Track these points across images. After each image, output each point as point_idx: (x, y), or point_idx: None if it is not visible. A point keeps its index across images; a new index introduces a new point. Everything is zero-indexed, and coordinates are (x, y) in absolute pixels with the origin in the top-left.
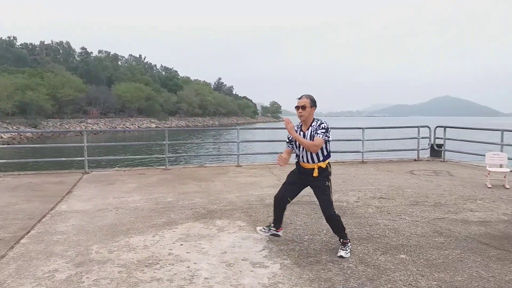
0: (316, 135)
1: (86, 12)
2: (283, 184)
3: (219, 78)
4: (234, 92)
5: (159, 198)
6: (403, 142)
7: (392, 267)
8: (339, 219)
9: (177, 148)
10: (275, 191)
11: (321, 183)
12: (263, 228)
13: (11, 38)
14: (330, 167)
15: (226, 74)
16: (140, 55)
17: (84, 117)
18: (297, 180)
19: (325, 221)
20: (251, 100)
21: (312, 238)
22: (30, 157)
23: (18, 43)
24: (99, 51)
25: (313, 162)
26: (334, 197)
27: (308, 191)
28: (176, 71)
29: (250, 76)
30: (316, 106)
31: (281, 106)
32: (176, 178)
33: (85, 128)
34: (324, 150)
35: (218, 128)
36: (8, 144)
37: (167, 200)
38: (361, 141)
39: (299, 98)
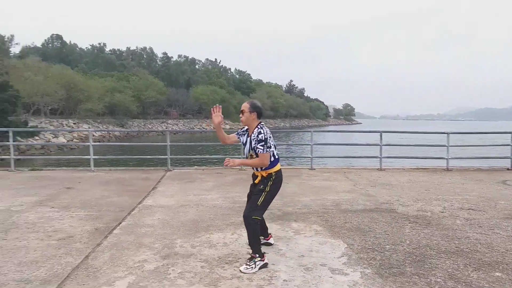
0: (257, 149)
1: (168, 20)
2: (247, 195)
3: (291, 81)
4: (305, 94)
5: (236, 197)
6: (492, 149)
7: (487, 285)
8: (255, 227)
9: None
10: (351, 196)
11: (257, 187)
12: None
13: (102, 45)
14: (274, 175)
15: (298, 76)
16: (215, 59)
17: (165, 118)
18: (252, 190)
19: (408, 230)
20: (322, 102)
21: (394, 248)
22: (118, 154)
23: (107, 49)
24: (179, 56)
25: (257, 170)
26: (417, 205)
27: (381, 201)
28: (249, 74)
29: (322, 78)
30: (257, 112)
31: (354, 109)
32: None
33: (166, 128)
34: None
35: (291, 130)
36: (99, 142)
37: (243, 199)
38: (445, 147)
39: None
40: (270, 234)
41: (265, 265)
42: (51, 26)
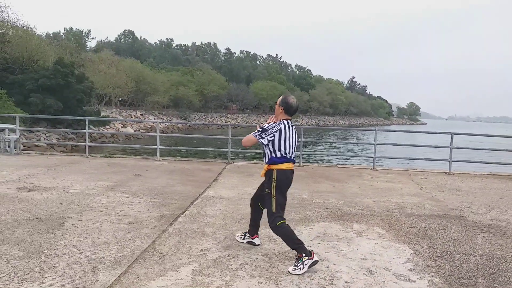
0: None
1: (232, 16)
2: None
3: (353, 77)
4: (367, 92)
5: (295, 193)
6: None
7: None
8: (285, 231)
9: (308, 146)
10: (417, 200)
11: (263, 188)
12: (240, 235)
13: (169, 40)
14: (276, 173)
15: (361, 73)
16: (276, 55)
17: (225, 112)
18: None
19: (480, 240)
20: (386, 101)
21: (465, 257)
22: (181, 145)
23: (174, 44)
24: (241, 51)
25: (265, 162)
26: (490, 214)
27: (450, 207)
28: (309, 70)
29: (387, 75)
30: (283, 107)
31: (420, 108)
32: (309, 176)
33: (225, 122)
34: (268, 152)
35: (354, 129)
36: (163, 133)
37: (302, 196)
38: None
39: None
40: (256, 234)
41: (314, 263)
42: (124, 21)
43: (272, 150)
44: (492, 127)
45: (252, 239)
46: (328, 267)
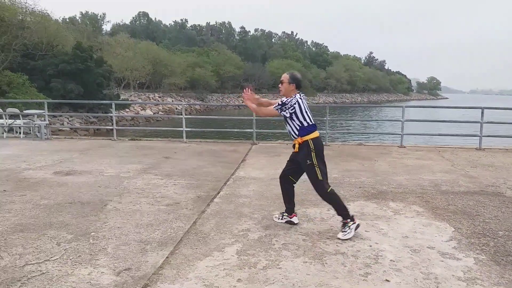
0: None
1: None
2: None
3: (371, 52)
4: (386, 67)
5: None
6: None
7: None
8: (335, 197)
9: (333, 124)
10: (450, 177)
11: (303, 160)
12: (278, 215)
13: (183, 21)
14: (313, 143)
15: (378, 48)
16: (292, 32)
17: (241, 92)
18: (293, 157)
19: None
20: (405, 76)
21: (508, 234)
22: (200, 126)
23: (188, 25)
24: (255, 30)
25: (293, 137)
26: None
27: (485, 183)
28: (326, 47)
29: (405, 49)
30: (295, 83)
31: (440, 82)
32: (337, 155)
33: (242, 102)
34: (296, 124)
35: (378, 106)
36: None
37: (333, 175)
38: None
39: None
40: (295, 212)
41: (358, 226)
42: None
43: (298, 122)
44: None
45: (291, 218)
46: (370, 246)
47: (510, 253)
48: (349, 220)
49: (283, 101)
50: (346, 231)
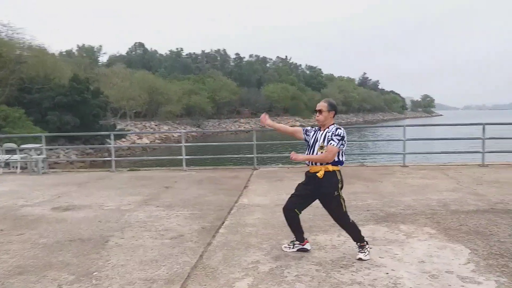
0: (331, 141)
1: (238, 20)
2: (290, 195)
3: (364, 73)
4: (380, 87)
5: None
6: None
7: None
8: (355, 226)
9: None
10: (458, 195)
11: (328, 191)
12: (288, 245)
13: (179, 49)
14: (340, 175)
15: (372, 69)
16: (286, 56)
17: (237, 117)
18: (304, 191)
19: None
20: (399, 95)
21: None
22: (198, 153)
23: (184, 53)
24: (250, 55)
25: (321, 164)
26: None
27: (493, 200)
28: (320, 69)
29: (398, 69)
30: (335, 111)
31: (434, 100)
32: None
33: (238, 127)
34: (336, 157)
35: (377, 127)
36: (179, 142)
37: None
38: None
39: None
40: (306, 239)
41: (370, 248)
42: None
43: (338, 155)
44: (508, 114)
45: (303, 245)
46: (387, 273)
47: None
48: (365, 243)
49: (340, 134)
50: (365, 252)
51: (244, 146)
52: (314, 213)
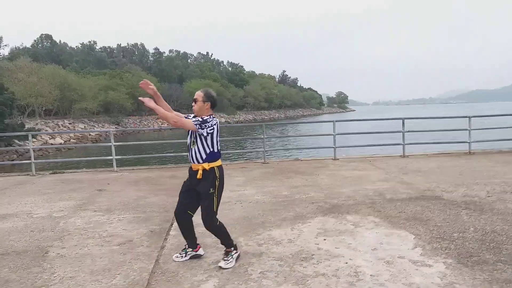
0: (194, 122)
1: (159, 14)
2: (179, 194)
3: (284, 71)
4: (298, 84)
5: (274, 191)
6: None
7: None
8: (222, 229)
9: (268, 142)
10: (389, 185)
11: (204, 189)
12: (179, 254)
13: (92, 43)
14: (219, 171)
15: (291, 67)
16: (207, 52)
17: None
18: (189, 186)
19: (465, 217)
20: (316, 91)
21: (462, 236)
22: (126, 152)
23: (97, 47)
24: (170, 51)
25: (198, 162)
26: (460, 191)
27: (421, 188)
28: (242, 66)
29: (315, 68)
30: (210, 102)
31: (347, 96)
32: (278, 172)
33: (162, 124)
34: (206, 148)
35: (310, 122)
36: (97, 141)
37: (283, 193)
38: (467, 131)
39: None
40: (198, 244)
41: (239, 255)
42: (40, 25)
43: (210, 145)
44: (410, 109)
45: (196, 251)
46: (346, 263)
47: (471, 254)
48: (232, 248)
49: (205, 119)
50: (228, 260)
51: (178, 144)
52: (263, 209)
